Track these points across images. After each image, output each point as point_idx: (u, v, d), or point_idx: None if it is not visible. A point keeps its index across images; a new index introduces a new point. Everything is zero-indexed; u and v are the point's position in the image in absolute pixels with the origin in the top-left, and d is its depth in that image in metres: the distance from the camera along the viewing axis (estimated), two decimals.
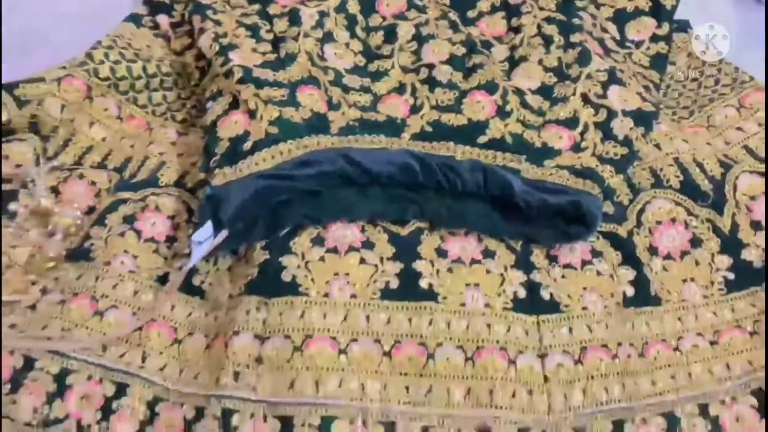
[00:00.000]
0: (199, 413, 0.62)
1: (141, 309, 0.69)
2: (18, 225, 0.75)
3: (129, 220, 0.74)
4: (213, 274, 0.71)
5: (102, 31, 0.93)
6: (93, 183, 0.79)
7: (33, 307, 0.69)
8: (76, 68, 0.85)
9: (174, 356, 0.67)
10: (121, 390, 0.65)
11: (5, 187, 0.77)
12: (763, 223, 0.76)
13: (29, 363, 0.65)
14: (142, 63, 0.90)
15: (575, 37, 0.90)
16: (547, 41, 0.90)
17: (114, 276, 0.70)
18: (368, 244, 0.69)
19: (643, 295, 0.71)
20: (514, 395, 0.62)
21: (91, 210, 0.77)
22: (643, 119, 0.82)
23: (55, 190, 0.78)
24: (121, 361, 0.66)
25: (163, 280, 0.71)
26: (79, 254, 0.72)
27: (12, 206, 0.76)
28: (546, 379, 0.64)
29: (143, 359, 0.66)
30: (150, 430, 0.63)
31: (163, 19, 0.97)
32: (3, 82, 0.81)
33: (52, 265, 0.72)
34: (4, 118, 0.79)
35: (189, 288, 0.71)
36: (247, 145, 0.72)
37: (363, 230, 0.70)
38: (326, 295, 0.65)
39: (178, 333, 0.68)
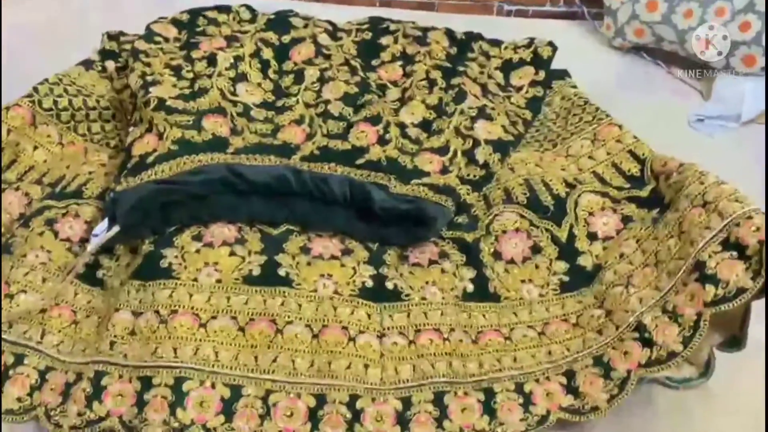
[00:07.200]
0: (78, 377, 0.72)
1: (47, 294, 0.80)
2: None
3: (50, 222, 0.87)
4: (114, 269, 0.83)
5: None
6: (26, 194, 0.93)
7: None
8: (23, 98, 1.00)
9: (70, 335, 0.78)
10: (19, 360, 0.75)
11: None
12: (599, 234, 0.87)
13: None
14: (83, 98, 1.05)
15: (456, 80, 1.05)
16: (432, 84, 1.05)
17: (27, 266, 0.81)
18: (241, 241, 0.80)
19: (481, 292, 0.81)
20: (349, 366, 0.72)
21: (22, 216, 0.90)
22: (502, 147, 0.96)
23: None
24: (23, 336, 0.77)
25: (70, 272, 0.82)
26: (1, 249, 0.84)
27: None
28: (381, 354, 0.74)
29: (42, 336, 0.77)
30: (37, 394, 0.73)
31: (110, 64, 1.14)
32: None
33: None
34: None
35: (92, 280, 0.82)
36: (150, 159, 0.85)
37: (240, 230, 0.82)
38: (195, 279, 0.75)
39: (77, 315, 0.79)
